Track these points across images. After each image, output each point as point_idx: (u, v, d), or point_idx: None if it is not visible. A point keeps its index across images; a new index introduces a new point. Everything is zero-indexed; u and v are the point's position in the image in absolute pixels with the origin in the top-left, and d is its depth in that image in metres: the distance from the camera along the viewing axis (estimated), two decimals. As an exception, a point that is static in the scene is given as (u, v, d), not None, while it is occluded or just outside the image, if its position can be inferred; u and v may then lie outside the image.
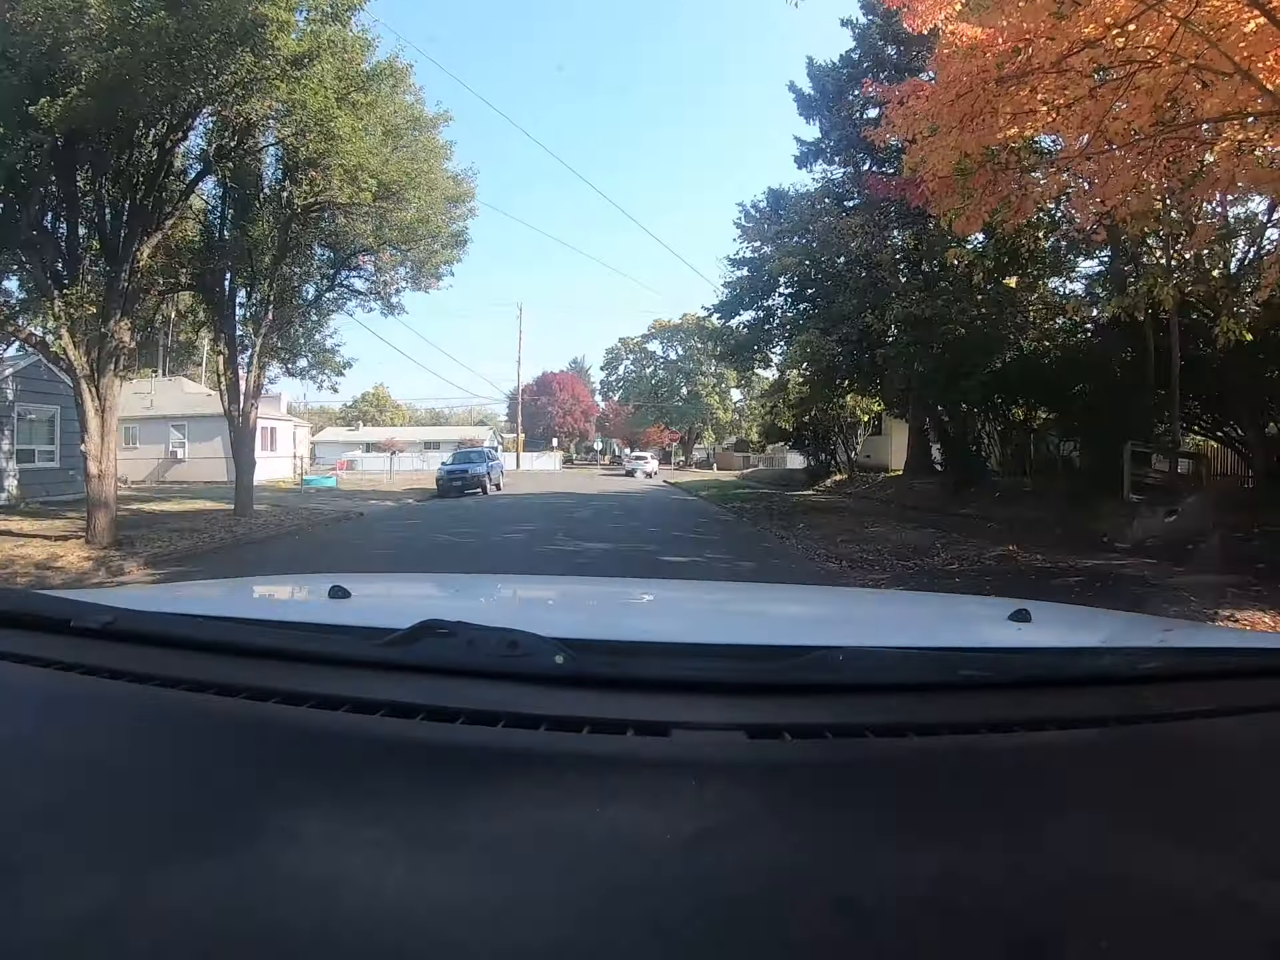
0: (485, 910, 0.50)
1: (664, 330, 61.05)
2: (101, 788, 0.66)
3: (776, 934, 0.48)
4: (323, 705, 0.78)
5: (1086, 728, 0.79)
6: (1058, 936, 0.49)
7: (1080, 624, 1.54)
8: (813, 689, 0.83)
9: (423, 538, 11.13)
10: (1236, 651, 1.12)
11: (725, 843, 0.57)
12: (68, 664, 0.90)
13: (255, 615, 1.30)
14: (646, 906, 0.50)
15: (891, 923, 0.50)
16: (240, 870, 0.54)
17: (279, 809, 0.62)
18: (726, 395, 59.41)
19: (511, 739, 0.72)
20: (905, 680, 0.85)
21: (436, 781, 0.66)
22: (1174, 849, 0.60)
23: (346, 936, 0.48)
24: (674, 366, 60.66)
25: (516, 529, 11.85)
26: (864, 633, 1.38)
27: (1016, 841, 0.60)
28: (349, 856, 0.56)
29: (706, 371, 59.12)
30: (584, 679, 0.82)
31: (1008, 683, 0.87)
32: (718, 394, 58.26)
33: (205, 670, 0.87)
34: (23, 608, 1.06)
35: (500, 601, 1.81)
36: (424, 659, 0.85)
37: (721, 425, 59.57)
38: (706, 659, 0.94)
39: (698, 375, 58.59)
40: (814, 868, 0.56)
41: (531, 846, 0.57)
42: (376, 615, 1.34)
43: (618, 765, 0.68)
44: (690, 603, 1.85)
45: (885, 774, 0.69)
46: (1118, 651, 1.03)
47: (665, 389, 60.66)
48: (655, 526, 12.84)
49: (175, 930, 0.48)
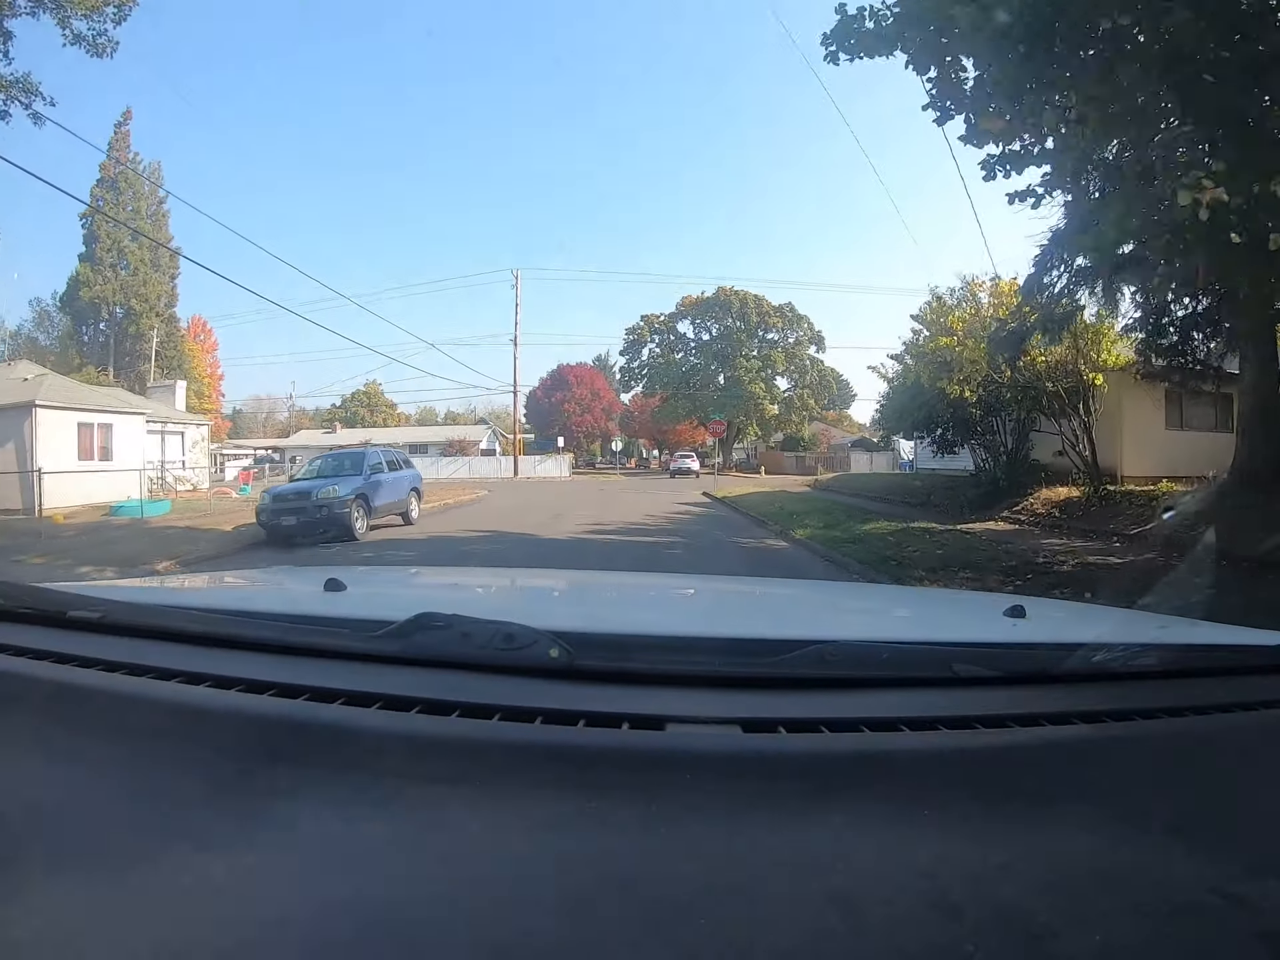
0: (482, 902, 0.51)
1: (695, 307, 50.28)
2: (98, 779, 0.66)
3: (771, 927, 0.49)
4: (319, 698, 0.77)
5: (1081, 723, 0.79)
6: (1053, 932, 0.49)
7: (1075, 619, 1.59)
8: (808, 683, 0.84)
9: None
10: (1231, 648, 1.13)
11: (719, 837, 0.57)
12: (64, 656, 0.90)
13: (251, 608, 1.23)
14: (641, 899, 0.51)
15: (886, 917, 0.50)
16: (236, 862, 0.55)
17: (275, 801, 0.62)
18: (772, 383, 48.31)
19: (507, 732, 0.72)
20: (900, 675, 0.87)
21: (432, 774, 0.65)
22: (1169, 844, 0.60)
23: (343, 927, 0.48)
24: (708, 350, 49.79)
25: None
26: (860, 627, 1.39)
27: (1011, 836, 0.60)
28: (345, 848, 0.56)
29: (748, 354, 48.25)
30: (580, 672, 0.81)
31: (1002, 678, 0.87)
32: (763, 381, 47.22)
33: (202, 662, 0.87)
34: (19, 600, 1.06)
35: (496, 594, 1.83)
36: (420, 652, 0.85)
37: (766, 420, 48.61)
38: (702, 653, 0.93)
39: (738, 359, 47.77)
40: (808, 861, 0.56)
41: (527, 840, 0.57)
42: (372, 608, 1.32)
43: (613, 759, 0.68)
44: (687, 596, 1.85)
45: (880, 768, 0.68)
46: (1112, 647, 0.98)
47: (698, 377, 49.94)
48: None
49: (172, 921, 0.49)
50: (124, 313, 42.52)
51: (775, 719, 0.74)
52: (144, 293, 42.31)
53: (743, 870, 0.54)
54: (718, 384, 49.63)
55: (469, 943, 0.47)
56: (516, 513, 15.04)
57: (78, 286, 41.62)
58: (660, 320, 51.51)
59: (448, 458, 44.39)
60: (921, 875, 0.54)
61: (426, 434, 53.38)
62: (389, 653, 0.85)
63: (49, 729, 0.77)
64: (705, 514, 15.72)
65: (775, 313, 48.89)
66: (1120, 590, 4.62)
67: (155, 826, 0.59)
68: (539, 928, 0.48)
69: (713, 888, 0.52)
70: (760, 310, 48.73)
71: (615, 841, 0.57)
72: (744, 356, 48.02)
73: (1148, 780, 0.70)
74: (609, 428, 65.47)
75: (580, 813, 0.60)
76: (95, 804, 0.63)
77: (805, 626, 1.38)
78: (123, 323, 42.73)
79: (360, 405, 73.41)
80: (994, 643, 1.06)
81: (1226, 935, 0.50)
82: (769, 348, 48.96)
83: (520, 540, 10.50)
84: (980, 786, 0.66)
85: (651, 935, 0.48)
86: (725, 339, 48.50)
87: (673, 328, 51.60)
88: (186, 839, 0.57)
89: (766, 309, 48.81)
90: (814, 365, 49.40)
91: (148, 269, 42.43)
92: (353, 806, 0.61)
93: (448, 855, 0.56)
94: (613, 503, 18.20)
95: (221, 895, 0.51)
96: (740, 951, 0.47)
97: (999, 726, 0.75)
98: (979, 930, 0.49)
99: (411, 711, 0.74)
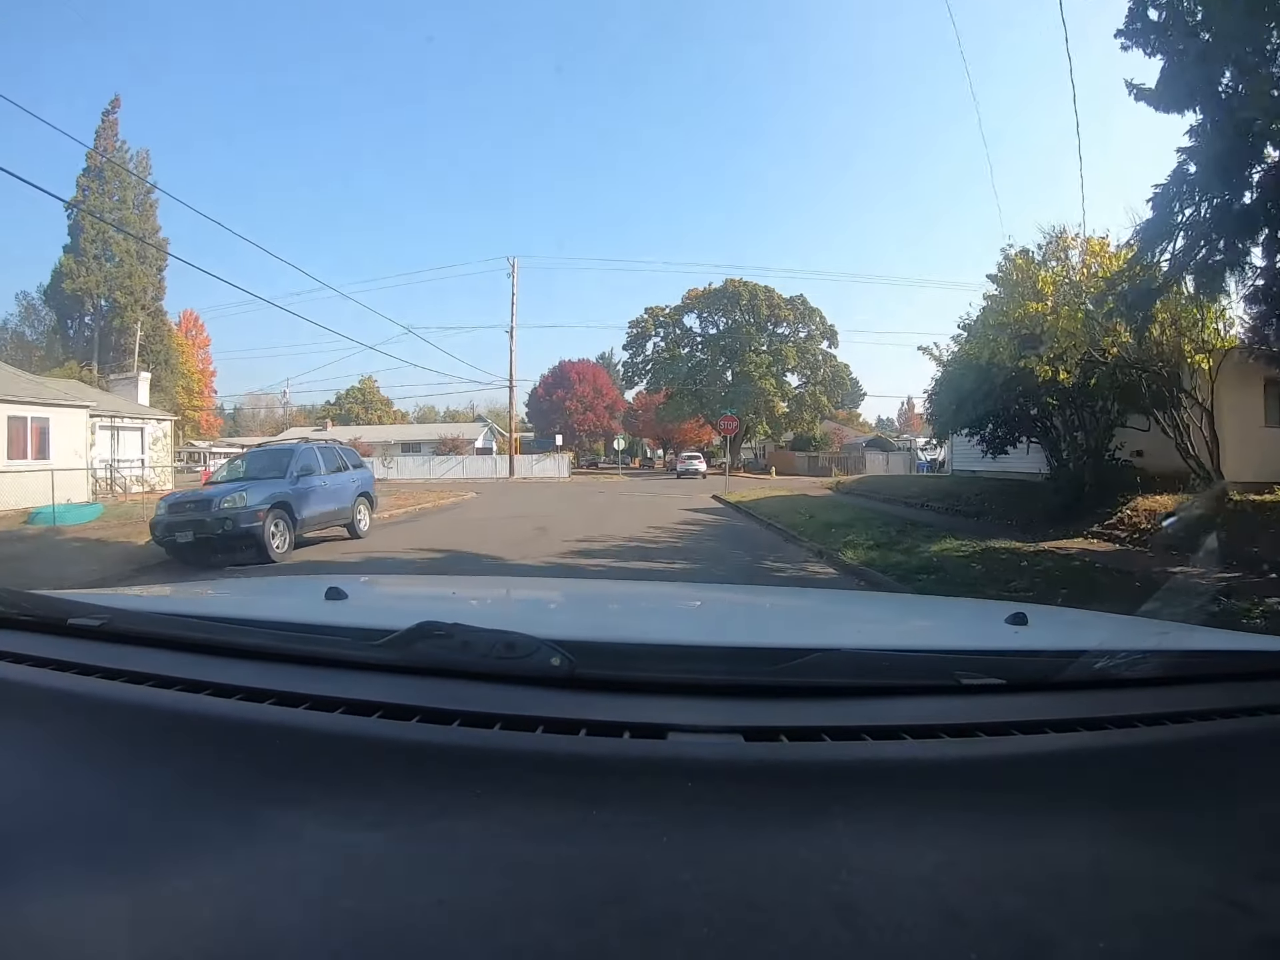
0: (483, 911, 0.51)
1: (702, 299, 47.97)
2: (98, 786, 0.66)
3: (774, 936, 0.49)
4: (319, 706, 0.77)
5: (1083, 730, 0.78)
6: (1056, 939, 0.49)
7: (1077, 626, 1.55)
8: (810, 691, 0.83)
9: None
10: (1232, 654, 1.12)
11: (721, 845, 0.57)
12: (64, 663, 0.90)
13: (252, 616, 1.22)
14: (643, 908, 0.51)
15: (888, 925, 0.50)
16: (236, 870, 0.54)
17: (276, 810, 0.62)
18: (783, 379, 45.87)
19: (508, 741, 0.71)
20: (902, 683, 0.85)
21: (433, 784, 0.65)
22: (1171, 851, 0.60)
23: (344, 937, 0.48)
24: (716, 344, 47.44)
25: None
26: (861, 635, 1.36)
27: (1014, 844, 0.60)
28: (345, 857, 0.56)
29: (758, 349, 45.92)
30: (581, 681, 0.81)
31: (1004, 685, 0.86)
32: (773, 377, 44.81)
33: (202, 670, 0.86)
34: (19, 607, 1.06)
35: (497, 603, 1.82)
36: (420, 660, 0.84)
37: (776, 418, 46.24)
38: (703, 661, 0.92)
39: (746, 354, 45.43)
40: (811, 870, 0.55)
41: (528, 848, 0.57)
42: (373, 616, 1.33)
43: (614, 768, 0.68)
44: (688, 605, 1.82)
45: (882, 776, 0.68)
46: (1114, 654, 0.97)
47: (705, 373, 47.65)
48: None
49: (172, 929, 0.49)
50: (109, 306, 40.59)
51: (777, 727, 0.74)
52: (129, 285, 40.41)
53: (745, 879, 0.54)
54: (725, 380, 47.32)
55: (470, 953, 0.47)
56: (494, 525, 12.56)
57: (61, 278, 39.69)
58: (665, 313, 49.14)
59: (440, 457, 42.57)
60: (924, 883, 0.53)
61: (420, 432, 51.19)
62: (389, 661, 0.85)
63: (49, 736, 0.76)
64: (721, 524, 13.33)
65: (786, 305, 46.54)
66: None
67: (155, 834, 0.58)
68: (540, 937, 0.48)
69: (714, 896, 0.52)
70: (771, 302, 46.38)
71: (617, 850, 0.57)
72: (753, 351, 45.68)
73: (1150, 786, 0.70)
74: (612, 426, 63.56)
75: (582, 822, 0.60)
76: (94, 812, 0.62)
77: (806, 635, 1.38)
78: (108, 316, 40.81)
79: (354, 402, 71.40)
80: (996, 650, 1.08)
81: (1229, 942, 0.50)
82: (779, 342, 46.62)
83: (478, 568, 7.84)
84: (983, 794, 0.66)
85: (654, 944, 0.48)
86: (733, 333, 46.15)
87: (678, 321, 49.27)
88: (186, 847, 0.57)
89: (777, 301, 46.47)
90: (826, 360, 46.99)
91: (133, 260, 40.43)
92: (353, 815, 0.61)
93: (449, 864, 0.55)
94: (611, 510, 15.89)
95: (221, 904, 0.51)
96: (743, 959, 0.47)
97: (1001, 734, 0.75)
98: (982, 938, 0.49)
99: (412, 720, 0.74)
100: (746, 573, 7.48)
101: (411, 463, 41.24)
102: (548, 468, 40.29)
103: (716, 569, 7.74)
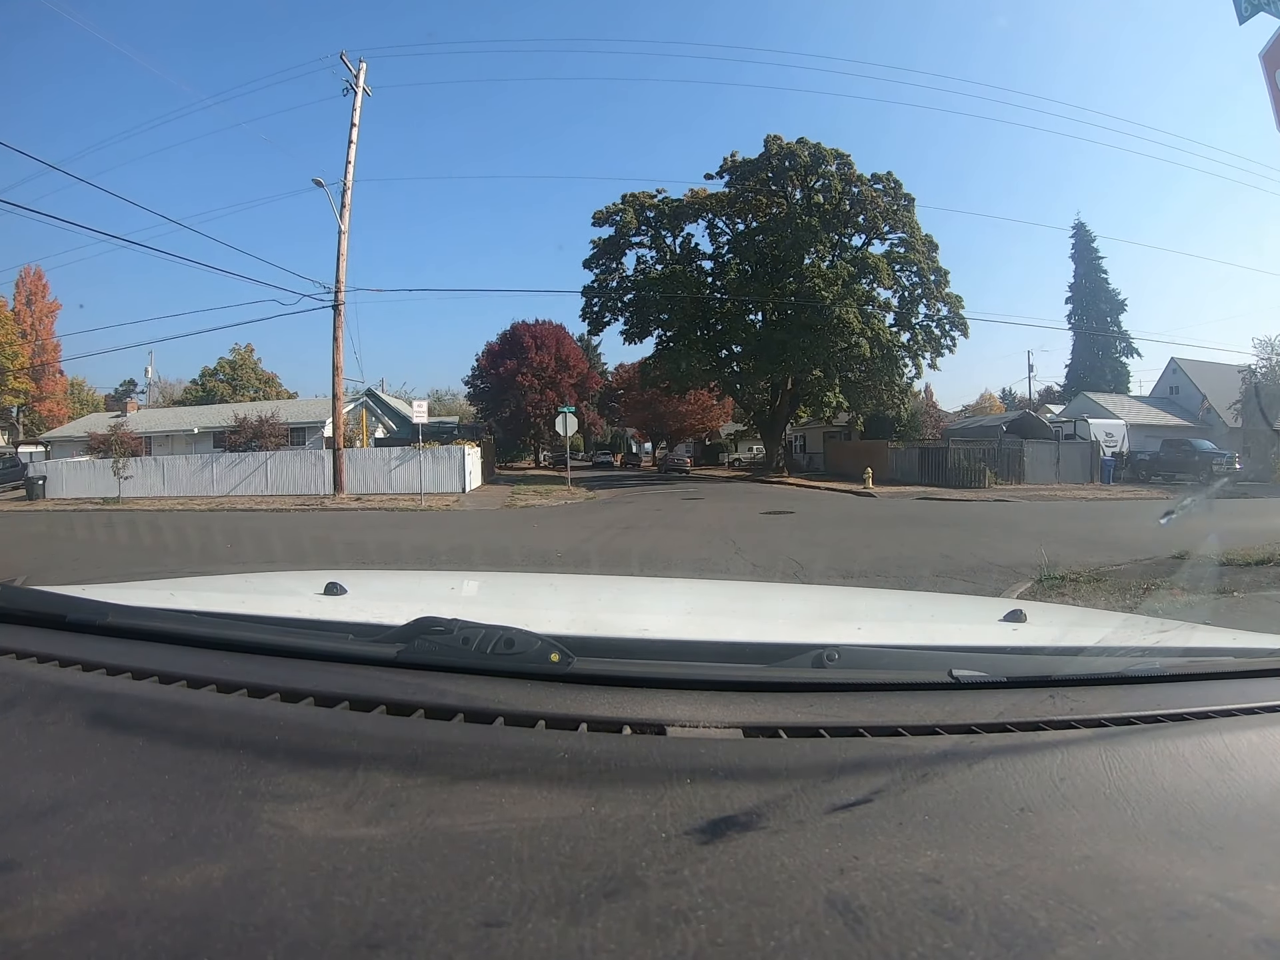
0: (483, 906, 0.51)
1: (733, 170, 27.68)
2: (100, 783, 0.66)
3: (772, 933, 0.49)
4: (321, 702, 0.78)
5: (1081, 728, 0.79)
6: (1054, 937, 0.49)
7: (1075, 624, 1.54)
8: (809, 688, 0.84)
9: None
10: (1231, 652, 1.13)
11: (720, 842, 0.58)
12: (67, 659, 0.90)
13: (253, 612, 1.24)
14: (642, 904, 0.51)
15: (887, 922, 0.50)
16: (237, 866, 0.55)
17: (277, 805, 0.62)
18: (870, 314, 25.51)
19: (508, 737, 0.72)
20: (900, 680, 0.87)
21: (433, 779, 0.66)
22: (1170, 849, 0.60)
23: (344, 931, 0.49)
24: (751, 248, 27.16)
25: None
26: (860, 632, 1.33)
27: (1012, 841, 0.60)
28: (346, 852, 0.56)
29: (824, 253, 25.93)
30: (580, 677, 0.82)
31: (1003, 683, 0.87)
32: (854, 304, 24.56)
33: (204, 666, 0.87)
34: (19, 603, 1.06)
35: (497, 599, 1.79)
36: (421, 656, 0.85)
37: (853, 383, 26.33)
38: (703, 657, 0.93)
39: (803, 266, 25.45)
40: (809, 866, 0.56)
41: (528, 844, 0.57)
42: (373, 612, 1.30)
43: (614, 763, 0.68)
44: (688, 601, 1.82)
45: (881, 773, 0.69)
46: (1112, 652, 0.99)
47: (723, 309, 27.58)
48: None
49: (173, 926, 0.49)
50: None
51: (776, 724, 0.76)
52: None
53: (743, 875, 0.54)
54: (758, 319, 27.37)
55: (469, 947, 0.48)
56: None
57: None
58: (656, 202, 28.63)
59: (233, 455, 22.98)
60: (922, 880, 0.54)
61: (215, 416, 30.64)
62: (390, 657, 0.85)
63: (51, 733, 0.76)
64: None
65: (869, 184, 26.48)
66: None
67: (157, 830, 0.59)
68: (540, 933, 0.49)
69: (714, 892, 0.52)
70: (845, 176, 26.28)
71: (616, 846, 0.57)
72: (818, 257, 25.52)
73: (1149, 784, 0.70)
74: (584, 411, 43.99)
75: (581, 817, 0.60)
76: (96, 808, 0.62)
77: (806, 631, 1.37)
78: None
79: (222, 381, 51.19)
80: (995, 647, 1.10)
81: (1227, 941, 0.50)
82: (851, 251, 26.62)
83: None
84: (981, 791, 0.67)
85: (653, 941, 0.48)
86: (777, 229, 25.90)
87: (678, 226, 29.02)
88: (188, 843, 0.57)
89: (852, 177, 26.42)
90: (936, 286, 26.88)
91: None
92: (355, 810, 0.61)
93: (449, 859, 0.56)
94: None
95: (221, 899, 0.51)
96: (741, 957, 0.47)
97: (999, 732, 0.76)
98: (980, 935, 0.49)
99: (413, 716, 0.75)
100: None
101: (185, 468, 21.56)
102: (441, 473, 20.64)
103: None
